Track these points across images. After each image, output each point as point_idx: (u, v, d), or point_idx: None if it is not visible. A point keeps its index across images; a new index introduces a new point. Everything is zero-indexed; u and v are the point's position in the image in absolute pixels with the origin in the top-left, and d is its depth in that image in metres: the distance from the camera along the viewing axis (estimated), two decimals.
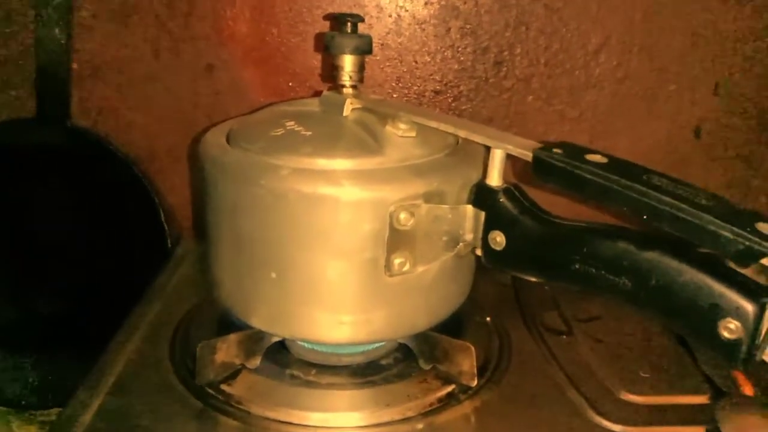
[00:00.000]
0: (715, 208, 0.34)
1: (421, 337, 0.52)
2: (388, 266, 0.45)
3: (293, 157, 0.45)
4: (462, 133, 0.45)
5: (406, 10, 0.72)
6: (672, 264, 0.35)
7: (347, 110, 0.51)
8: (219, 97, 0.75)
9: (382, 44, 0.73)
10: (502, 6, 0.71)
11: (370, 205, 0.44)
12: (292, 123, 0.50)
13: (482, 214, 0.44)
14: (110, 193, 0.76)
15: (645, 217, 0.35)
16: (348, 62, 0.51)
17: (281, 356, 0.54)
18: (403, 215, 0.44)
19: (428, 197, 0.45)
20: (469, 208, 0.45)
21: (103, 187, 0.76)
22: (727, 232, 0.32)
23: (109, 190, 0.76)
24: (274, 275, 0.47)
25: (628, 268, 0.37)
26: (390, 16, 0.72)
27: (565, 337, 0.58)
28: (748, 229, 0.32)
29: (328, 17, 0.71)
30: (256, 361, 0.51)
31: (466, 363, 0.49)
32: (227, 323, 0.52)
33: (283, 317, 0.48)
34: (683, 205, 0.34)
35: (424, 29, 0.73)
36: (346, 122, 0.50)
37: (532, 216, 0.41)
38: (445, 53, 0.73)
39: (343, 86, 0.52)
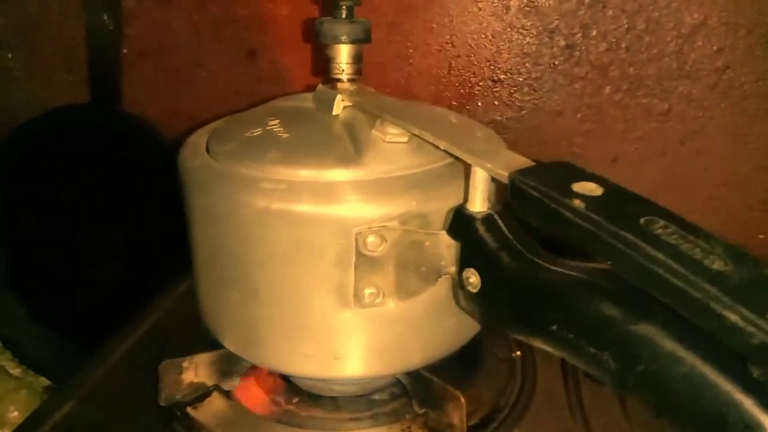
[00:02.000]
0: (729, 277, 0.23)
1: (415, 376, 0.45)
2: (357, 297, 0.38)
3: (254, 164, 0.39)
4: (442, 144, 0.36)
5: None
6: (666, 347, 0.25)
7: (337, 108, 0.44)
8: (261, 83, 0.71)
9: (430, 27, 0.64)
10: None
11: (332, 225, 0.37)
12: (276, 122, 0.44)
13: (458, 246, 0.35)
14: (157, 178, 0.75)
15: (633, 278, 0.25)
16: (341, 52, 0.44)
17: (270, 378, 0.49)
18: (371, 239, 0.37)
19: (406, 219, 0.37)
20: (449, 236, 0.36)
21: (150, 172, 0.75)
22: (735, 315, 0.22)
23: (156, 174, 0.75)
24: (237, 296, 0.42)
25: (611, 343, 0.27)
26: None
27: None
28: None
29: None
30: (233, 383, 0.47)
31: (456, 415, 0.41)
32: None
33: (251, 342, 0.43)
34: (681, 269, 0.24)
35: (480, 7, 0.63)
36: (334, 123, 0.43)
37: (512, 253, 0.32)
38: (504, 35, 0.63)
39: (338, 80, 0.45)
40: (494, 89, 0.65)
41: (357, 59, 0.44)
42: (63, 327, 0.80)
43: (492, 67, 0.65)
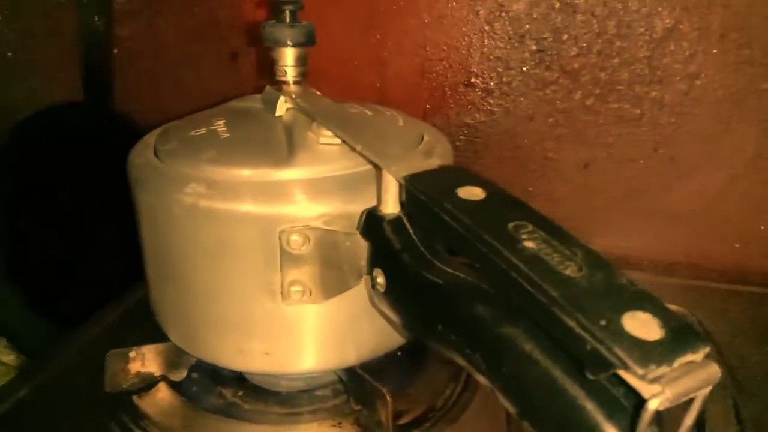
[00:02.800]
0: (577, 283, 0.24)
1: (351, 374, 0.46)
2: (284, 294, 0.40)
3: (189, 163, 0.41)
4: (357, 147, 0.37)
5: None
6: (525, 349, 0.25)
7: (280, 110, 0.45)
8: (242, 84, 0.72)
9: (404, 30, 0.65)
10: None
11: (257, 223, 0.38)
12: (222, 122, 0.45)
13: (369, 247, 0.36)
14: None
15: (496, 282, 0.26)
16: (285, 55, 0.45)
17: (221, 370, 0.50)
18: (294, 237, 0.38)
19: (329, 219, 0.38)
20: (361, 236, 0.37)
21: None
22: (572, 321, 0.23)
23: None
24: (174, 290, 0.43)
25: (481, 344, 0.28)
26: None
27: None
28: (604, 322, 0.22)
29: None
30: (180, 374, 0.48)
31: (383, 413, 0.42)
32: None
33: (189, 335, 0.45)
34: (532, 274, 0.24)
35: (452, 12, 0.63)
36: (276, 124, 0.44)
37: (413, 254, 0.33)
38: (475, 40, 0.64)
39: (283, 82, 0.46)
40: (466, 93, 0.66)
41: (301, 62, 0.45)
42: (58, 316, 0.83)
43: (464, 71, 0.65)
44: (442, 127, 0.65)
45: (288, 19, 0.44)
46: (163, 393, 0.47)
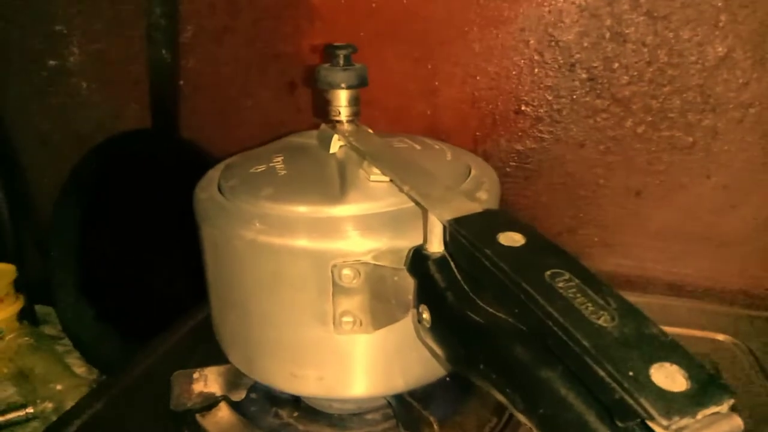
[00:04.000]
0: (609, 333, 0.25)
1: (399, 400, 0.47)
2: (336, 324, 0.42)
3: (249, 200, 0.43)
4: (405, 188, 0.39)
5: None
6: (561, 393, 0.27)
7: (334, 147, 0.48)
8: (300, 113, 0.76)
9: (455, 61, 0.67)
10: (592, 14, 0.61)
11: (310, 258, 0.41)
12: (280, 158, 0.48)
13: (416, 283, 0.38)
14: None
15: (532, 328, 0.27)
16: (338, 97, 0.47)
17: (277, 391, 0.53)
18: (346, 272, 0.40)
19: (378, 254, 0.40)
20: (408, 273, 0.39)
21: None
22: (602, 370, 0.24)
23: None
24: (234, 317, 0.46)
25: (520, 385, 0.29)
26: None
27: None
28: (632, 373, 0.23)
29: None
30: (240, 395, 0.51)
31: None
32: None
33: (247, 359, 0.47)
34: (566, 323, 0.25)
35: (501, 43, 0.65)
36: (329, 161, 0.47)
37: (457, 293, 0.34)
38: (525, 69, 0.65)
39: (337, 121, 0.48)
40: (517, 121, 0.67)
41: (353, 102, 0.48)
42: (128, 330, 0.88)
43: (514, 99, 0.66)
44: (492, 154, 0.67)
45: (342, 63, 0.47)
46: (223, 412, 0.50)
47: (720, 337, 0.58)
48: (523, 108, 0.66)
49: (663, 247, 0.66)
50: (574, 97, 0.64)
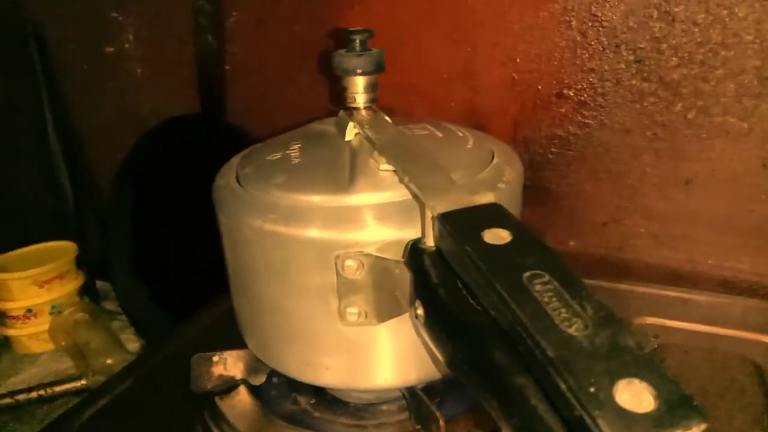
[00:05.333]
0: (578, 343, 0.23)
1: (411, 393, 0.47)
2: (341, 315, 0.41)
3: (260, 187, 0.44)
4: (405, 179, 0.38)
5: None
6: (532, 402, 0.25)
7: (350, 135, 0.47)
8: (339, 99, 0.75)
9: (495, 42, 0.64)
10: None
11: (313, 248, 0.40)
12: (297, 146, 0.48)
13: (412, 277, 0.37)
14: None
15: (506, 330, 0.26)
16: (354, 83, 0.47)
17: None
18: (349, 263, 0.40)
19: (382, 246, 0.39)
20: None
21: None
22: (564, 384, 0.22)
23: None
24: (249, 303, 0.46)
25: (497, 391, 0.28)
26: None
27: None
28: (593, 389, 0.21)
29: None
30: (260, 379, 0.52)
31: None
32: None
33: (262, 345, 0.48)
34: (533, 330, 0.24)
35: (542, 23, 0.62)
36: (344, 148, 0.46)
37: (449, 289, 0.33)
38: (568, 50, 0.62)
39: (354, 108, 0.48)
40: (559, 105, 0.64)
41: (370, 88, 0.47)
42: (179, 310, 0.91)
43: (556, 83, 0.63)
44: (532, 140, 0.64)
45: (358, 48, 0.46)
46: (241, 396, 0.51)
47: None
48: (565, 92, 0.63)
49: (714, 241, 0.62)
50: (620, 80, 0.60)
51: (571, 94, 0.63)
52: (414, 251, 0.36)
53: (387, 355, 0.43)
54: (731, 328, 0.56)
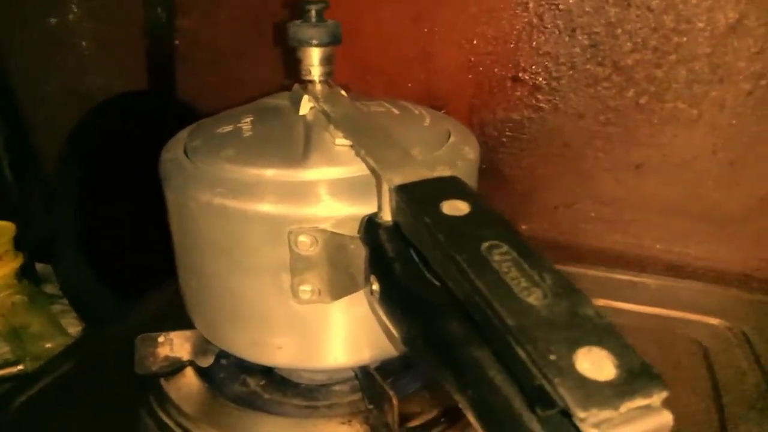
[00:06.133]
0: (537, 312, 0.23)
1: (364, 373, 0.46)
2: (294, 292, 0.40)
3: (208, 161, 0.42)
4: (361, 152, 0.37)
5: None
6: (489, 374, 0.25)
7: (305, 108, 0.46)
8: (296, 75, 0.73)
9: (452, 23, 0.64)
10: None
11: (267, 222, 0.39)
12: (249, 119, 0.46)
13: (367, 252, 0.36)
14: None
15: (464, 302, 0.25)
16: (309, 55, 0.45)
17: None
18: (302, 239, 0.38)
19: (338, 222, 0.38)
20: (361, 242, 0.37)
21: None
22: (524, 352, 0.22)
23: None
24: (195, 282, 0.45)
25: (452, 364, 0.27)
26: None
27: None
28: (554, 356, 0.21)
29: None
30: (208, 360, 0.50)
31: (390, 415, 0.42)
32: None
33: (209, 325, 0.46)
34: (491, 299, 0.23)
35: (500, 5, 0.62)
36: (297, 123, 0.45)
37: (405, 263, 0.32)
38: (524, 33, 0.62)
39: (309, 81, 0.46)
40: (514, 88, 0.64)
41: (326, 61, 0.45)
42: (125, 291, 0.88)
43: (512, 66, 0.63)
44: (487, 122, 0.64)
45: (314, 19, 0.44)
46: (188, 378, 0.49)
47: (714, 321, 0.55)
48: (520, 75, 0.63)
49: (663, 225, 0.63)
50: (574, 64, 0.61)
51: (527, 77, 0.63)
52: (370, 225, 0.35)
53: (340, 333, 0.43)
54: (679, 310, 0.57)
